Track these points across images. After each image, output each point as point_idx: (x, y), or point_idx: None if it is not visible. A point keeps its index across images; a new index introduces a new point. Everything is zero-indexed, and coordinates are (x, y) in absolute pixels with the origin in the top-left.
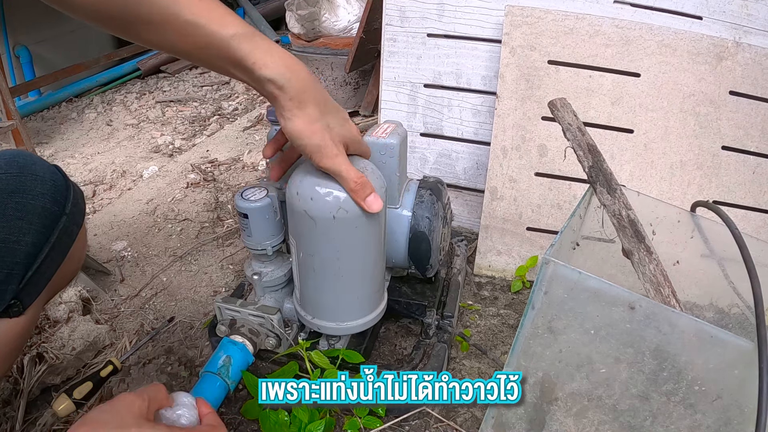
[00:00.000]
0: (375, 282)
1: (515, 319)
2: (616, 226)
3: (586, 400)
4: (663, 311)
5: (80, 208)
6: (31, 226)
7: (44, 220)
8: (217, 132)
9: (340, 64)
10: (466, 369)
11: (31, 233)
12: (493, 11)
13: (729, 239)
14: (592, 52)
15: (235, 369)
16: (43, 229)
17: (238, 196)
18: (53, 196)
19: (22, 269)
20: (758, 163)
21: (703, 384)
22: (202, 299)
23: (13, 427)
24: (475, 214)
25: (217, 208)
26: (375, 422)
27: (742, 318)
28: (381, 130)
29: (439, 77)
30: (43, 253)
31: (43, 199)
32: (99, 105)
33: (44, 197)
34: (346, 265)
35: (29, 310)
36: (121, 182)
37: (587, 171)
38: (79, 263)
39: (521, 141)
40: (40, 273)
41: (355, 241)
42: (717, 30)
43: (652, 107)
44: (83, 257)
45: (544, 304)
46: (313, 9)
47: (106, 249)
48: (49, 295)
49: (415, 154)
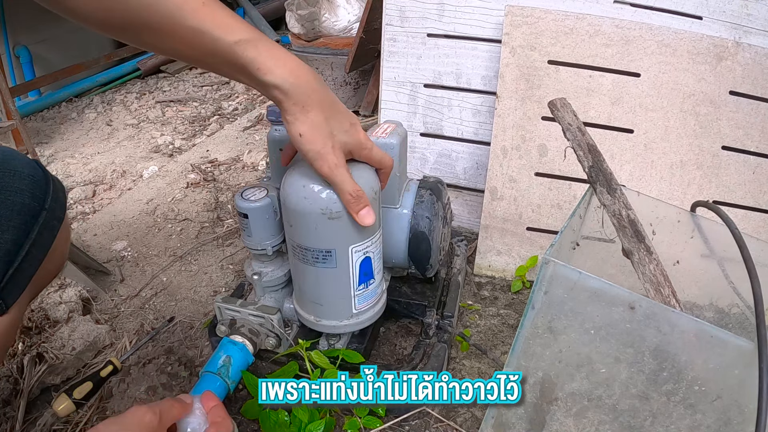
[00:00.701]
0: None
1: (515, 319)
2: (616, 226)
3: (586, 400)
4: (663, 311)
5: (61, 203)
6: (10, 222)
7: (23, 217)
8: (217, 132)
9: (340, 64)
10: (466, 369)
11: (10, 230)
12: (493, 11)
13: (729, 239)
14: (592, 52)
15: (235, 369)
16: (23, 225)
17: (238, 196)
18: (32, 192)
19: (3, 267)
20: (758, 163)
21: (703, 384)
22: (202, 299)
23: (13, 427)
24: (475, 214)
25: (217, 208)
26: (375, 422)
27: (742, 318)
28: (381, 130)
29: (439, 77)
30: (24, 250)
31: (22, 195)
32: (99, 105)
33: (23, 193)
34: (341, 263)
35: (12, 309)
36: (121, 182)
37: (587, 171)
38: (63, 258)
39: (521, 141)
40: (22, 270)
41: (349, 239)
42: (717, 30)
43: (652, 107)
44: (67, 252)
45: (544, 304)
46: (313, 9)
47: (106, 249)
48: (34, 292)
49: (415, 154)
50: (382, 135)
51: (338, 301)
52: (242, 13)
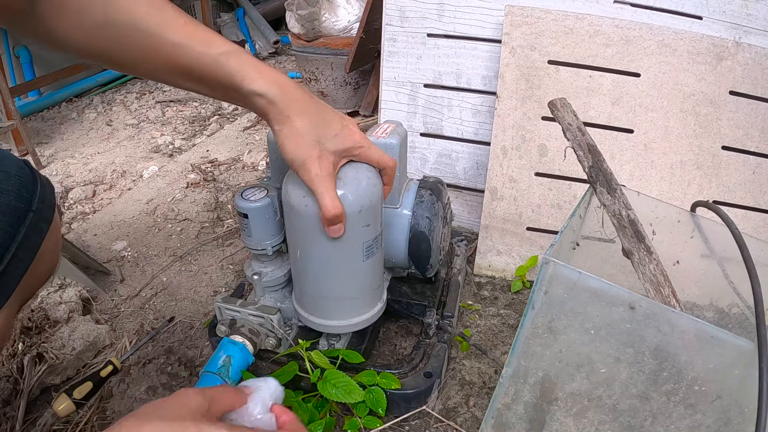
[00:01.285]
0: (371, 279)
1: (515, 319)
2: (616, 226)
3: (586, 400)
4: (663, 311)
5: (49, 204)
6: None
7: (9, 218)
8: (217, 132)
9: (340, 64)
10: (466, 369)
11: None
12: (493, 11)
13: (729, 239)
14: (592, 52)
15: (235, 369)
16: (9, 227)
17: (238, 196)
18: (18, 192)
19: None
20: (758, 163)
21: (703, 384)
22: (202, 299)
23: (13, 427)
24: (475, 214)
25: (217, 208)
26: (375, 422)
27: (742, 318)
28: (381, 130)
29: (439, 77)
30: (10, 253)
31: (8, 196)
32: (99, 105)
33: (9, 194)
34: (340, 262)
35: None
36: (121, 182)
37: (587, 171)
38: (53, 261)
39: (521, 141)
40: (8, 274)
41: (346, 237)
42: (717, 30)
43: (652, 107)
44: (58, 254)
45: (544, 304)
46: (313, 9)
47: (106, 249)
48: (23, 296)
49: (415, 154)
50: (382, 135)
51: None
52: (242, 13)
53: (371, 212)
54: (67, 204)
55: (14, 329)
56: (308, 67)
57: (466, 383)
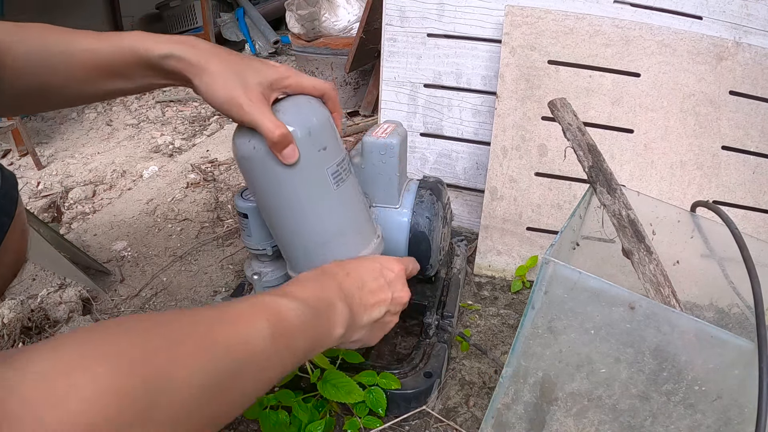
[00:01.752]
0: (353, 208)
1: (515, 319)
2: (616, 226)
3: (586, 400)
4: (663, 311)
5: (11, 198)
6: None
7: None
8: (217, 132)
9: (340, 64)
10: (466, 369)
11: None
12: (493, 11)
13: (729, 239)
14: (592, 52)
15: None
16: None
17: (238, 196)
18: None
19: None
20: (758, 163)
21: (703, 384)
22: (202, 299)
23: None
24: (475, 214)
25: (217, 208)
26: (375, 422)
27: (742, 318)
28: (381, 130)
29: (439, 77)
30: None
31: None
32: (99, 105)
33: None
34: (312, 196)
35: None
36: (121, 182)
37: (587, 171)
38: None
39: (521, 141)
40: None
41: (305, 165)
42: (717, 30)
43: (652, 107)
44: (25, 251)
45: (544, 304)
46: (313, 9)
47: (106, 249)
48: None
49: (415, 154)
50: (382, 135)
51: (315, 258)
52: (242, 13)
53: (323, 134)
54: (67, 204)
55: (14, 329)
56: (308, 67)
57: (466, 383)
